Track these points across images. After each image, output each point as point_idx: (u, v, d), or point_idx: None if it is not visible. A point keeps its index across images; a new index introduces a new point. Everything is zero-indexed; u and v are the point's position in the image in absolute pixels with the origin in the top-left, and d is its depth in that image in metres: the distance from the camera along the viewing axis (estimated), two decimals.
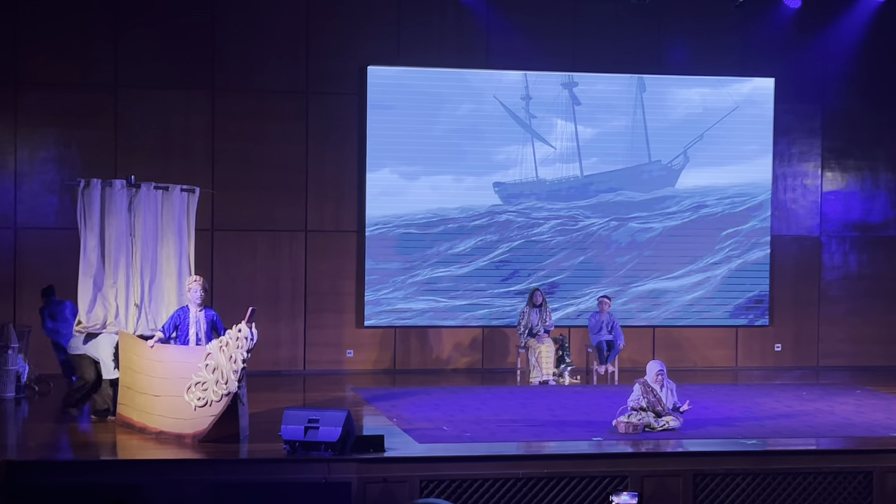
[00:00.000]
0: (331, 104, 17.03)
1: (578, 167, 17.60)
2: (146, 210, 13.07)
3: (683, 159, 17.78)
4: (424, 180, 17.24)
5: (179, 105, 16.59)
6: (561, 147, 17.56)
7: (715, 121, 17.82)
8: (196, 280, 12.10)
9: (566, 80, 17.53)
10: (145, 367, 11.86)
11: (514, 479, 10.67)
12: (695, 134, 17.81)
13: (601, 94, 17.64)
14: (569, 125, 17.56)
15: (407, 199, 17.16)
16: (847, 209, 18.44)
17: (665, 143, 17.81)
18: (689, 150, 17.79)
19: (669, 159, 17.75)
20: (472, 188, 17.34)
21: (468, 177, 17.34)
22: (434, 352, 17.34)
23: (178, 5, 16.57)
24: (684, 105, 17.85)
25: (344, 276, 17.09)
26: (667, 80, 17.78)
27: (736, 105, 17.83)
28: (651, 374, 12.17)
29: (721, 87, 17.89)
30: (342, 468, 10.44)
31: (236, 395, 11.14)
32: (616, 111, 17.69)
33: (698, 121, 17.85)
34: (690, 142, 17.82)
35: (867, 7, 17.96)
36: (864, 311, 18.38)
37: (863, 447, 11.66)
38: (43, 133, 16.32)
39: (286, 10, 16.89)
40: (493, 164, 17.39)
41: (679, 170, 17.78)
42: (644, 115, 17.67)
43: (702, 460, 11.05)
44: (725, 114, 17.83)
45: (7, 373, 14.03)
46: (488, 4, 17.27)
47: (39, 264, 16.04)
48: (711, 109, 17.86)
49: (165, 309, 13.04)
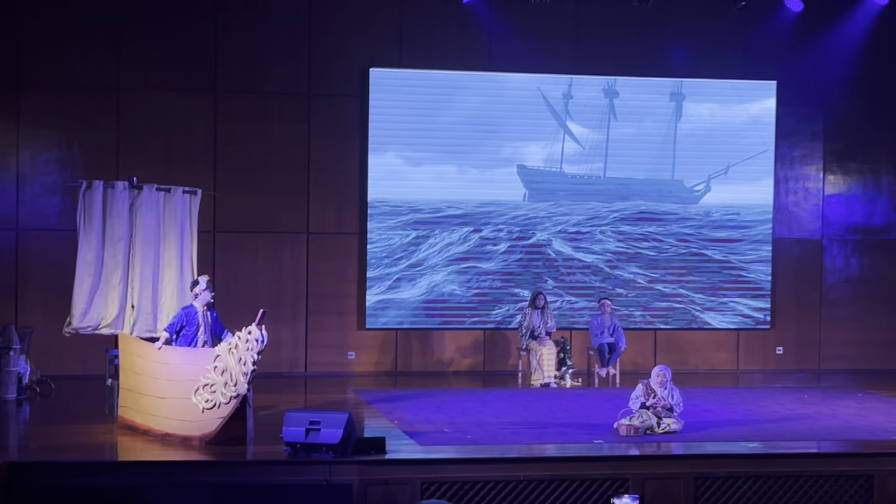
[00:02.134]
0: (333, 106, 17.04)
1: (602, 167, 17.62)
2: (148, 212, 13.08)
3: (705, 188, 17.81)
4: (427, 179, 17.24)
5: (181, 107, 16.60)
6: (589, 146, 17.58)
7: (747, 156, 17.85)
8: (209, 281, 12.12)
9: (607, 85, 17.58)
10: (150, 370, 11.84)
11: (515, 482, 10.67)
12: (720, 154, 17.86)
13: (640, 100, 17.67)
14: (602, 127, 17.57)
15: (409, 200, 17.16)
16: (849, 212, 18.44)
17: (688, 157, 17.81)
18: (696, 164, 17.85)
19: (692, 183, 17.78)
20: (475, 187, 17.34)
21: (472, 178, 17.34)
22: (435, 354, 17.34)
23: (181, 7, 16.57)
24: (710, 120, 17.88)
25: (345, 278, 17.09)
26: (703, 91, 17.80)
27: (764, 143, 17.88)
28: (653, 376, 12.25)
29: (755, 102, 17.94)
30: (343, 470, 10.44)
31: (244, 397, 11.13)
32: (651, 118, 17.72)
33: (724, 141, 17.88)
34: (715, 172, 17.83)
35: (869, 10, 17.95)
36: (865, 315, 18.37)
37: (864, 450, 11.64)
38: (45, 134, 16.32)
39: (288, 13, 16.90)
40: (500, 165, 17.39)
41: (699, 196, 17.82)
42: (676, 128, 17.67)
43: (703, 463, 11.05)
44: (756, 153, 17.85)
45: (9, 374, 14.03)
46: (490, 7, 17.28)
47: (41, 266, 16.06)
48: (741, 135, 17.91)
49: (165, 311, 13.05)
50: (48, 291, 15.82)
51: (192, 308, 12.03)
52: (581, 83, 17.55)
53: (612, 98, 17.62)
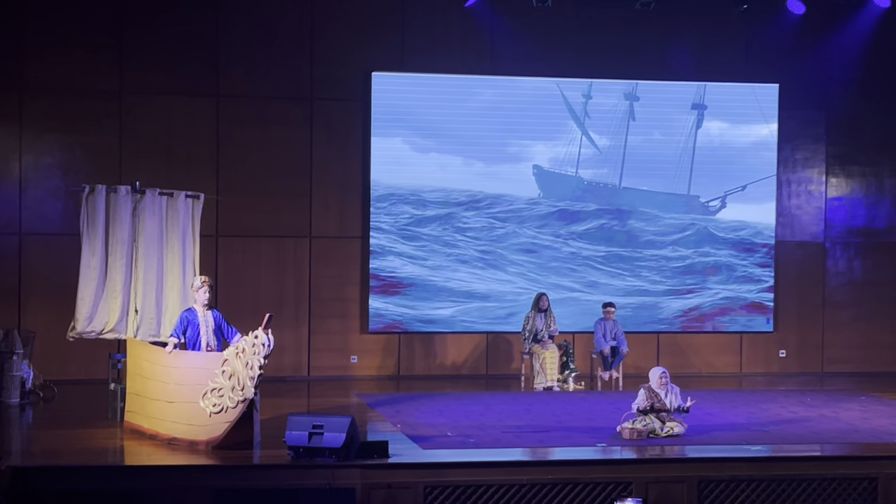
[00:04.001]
0: (335, 110, 17.05)
1: (618, 175, 17.62)
2: (151, 216, 13.09)
3: (721, 203, 17.82)
4: (430, 183, 17.25)
5: (184, 111, 16.62)
6: (606, 152, 17.61)
7: (762, 176, 17.89)
8: (205, 281, 12.13)
9: (628, 89, 17.59)
10: (158, 374, 11.85)
11: (518, 486, 10.67)
12: (737, 170, 17.90)
13: (660, 108, 17.72)
14: (618, 133, 17.58)
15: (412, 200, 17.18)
16: (851, 215, 18.43)
17: (705, 170, 17.86)
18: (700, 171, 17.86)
19: (706, 198, 17.79)
20: (479, 190, 17.34)
21: (475, 180, 17.34)
22: (438, 357, 17.34)
23: (183, 12, 16.59)
24: (730, 133, 17.93)
25: (348, 281, 17.10)
26: (722, 100, 17.85)
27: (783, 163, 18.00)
28: (654, 379, 12.25)
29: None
30: (346, 474, 10.45)
31: (251, 401, 11.14)
32: (670, 127, 17.77)
33: (742, 156, 17.94)
34: (731, 189, 17.84)
35: (872, 12, 17.94)
36: (868, 317, 18.37)
37: (868, 453, 11.64)
38: (48, 139, 16.34)
39: (291, 17, 16.91)
40: (501, 169, 17.40)
41: (714, 212, 17.83)
42: (696, 137, 17.68)
43: (706, 466, 11.05)
44: (769, 175, 17.92)
45: (12, 378, 14.03)
46: (492, 11, 17.28)
47: (44, 270, 16.07)
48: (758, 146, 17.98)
49: (168, 315, 13.05)
50: (51, 296, 15.83)
51: (193, 310, 12.06)
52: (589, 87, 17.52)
53: (632, 101, 17.61)
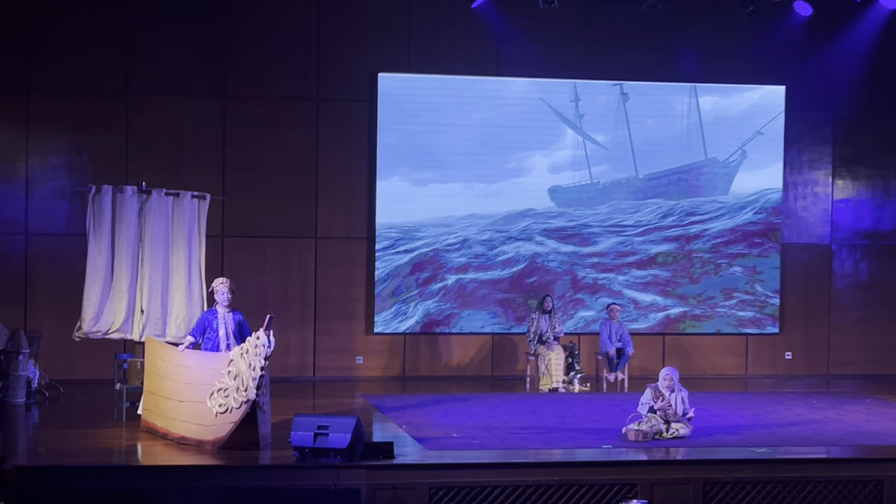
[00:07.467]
0: (342, 111, 17.06)
1: (633, 168, 17.63)
2: (157, 216, 13.10)
3: (741, 156, 17.79)
4: (435, 187, 17.26)
5: (190, 112, 16.63)
6: (613, 149, 17.62)
7: (766, 120, 17.91)
8: (223, 282, 12.11)
9: (619, 89, 17.59)
10: (172, 373, 11.88)
11: (523, 487, 10.67)
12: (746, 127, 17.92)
13: (654, 100, 17.70)
14: (621, 129, 17.58)
15: (417, 206, 17.17)
16: (858, 217, 18.41)
17: (717, 134, 17.87)
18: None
19: (725, 156, 17.79)
20: (484, 195, 17.34)
21: (479, 184, 17.35)
22: (443, 359, 17.34)
23: (190, 12, 16.60)
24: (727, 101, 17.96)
25: (354, 282, 17.11)
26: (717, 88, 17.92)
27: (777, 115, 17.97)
28: (661, 379, 12.25)
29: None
30: (351, 475, 10.46)
31: (255, 402, 11.14)
32: (670, 113, 17.76)
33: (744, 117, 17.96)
34: (748, 138, 17.83)
35: (878, 14, 17.92)
36: (874, 320, 18.35)
37: (873, 456, 11.63)
38: (54, 139, 16.36)
39: (298, 18, 16.92)
40: (508, 170, 17.39)
41: (736, 167, 17.80)
42: (699, 107, 17.68)
43: (712, 468, 11.04)
44: (772, 118, 17.90)
45: (18, 378, 14.04)
46: (499, 12, 17.28)
47: (50, 270, 16.09)
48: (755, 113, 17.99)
49: (174, 315, 13.06)
50: (57, 295, 15.85)
51: (214, 311, 12.06)
52: (590, 87, 17.53)
53: (624, 101, 17.61)
